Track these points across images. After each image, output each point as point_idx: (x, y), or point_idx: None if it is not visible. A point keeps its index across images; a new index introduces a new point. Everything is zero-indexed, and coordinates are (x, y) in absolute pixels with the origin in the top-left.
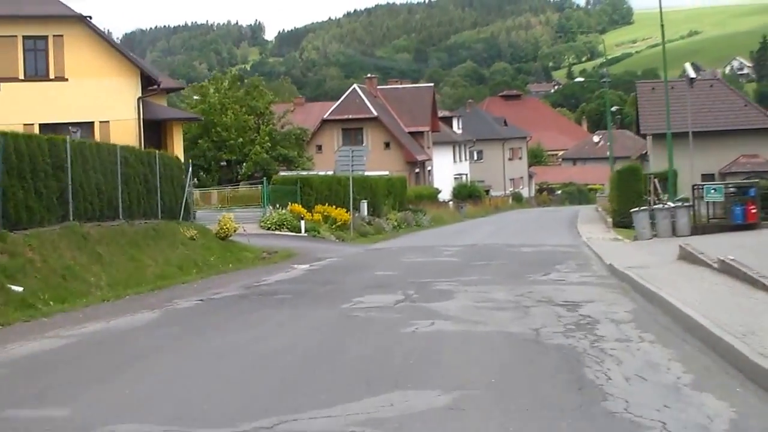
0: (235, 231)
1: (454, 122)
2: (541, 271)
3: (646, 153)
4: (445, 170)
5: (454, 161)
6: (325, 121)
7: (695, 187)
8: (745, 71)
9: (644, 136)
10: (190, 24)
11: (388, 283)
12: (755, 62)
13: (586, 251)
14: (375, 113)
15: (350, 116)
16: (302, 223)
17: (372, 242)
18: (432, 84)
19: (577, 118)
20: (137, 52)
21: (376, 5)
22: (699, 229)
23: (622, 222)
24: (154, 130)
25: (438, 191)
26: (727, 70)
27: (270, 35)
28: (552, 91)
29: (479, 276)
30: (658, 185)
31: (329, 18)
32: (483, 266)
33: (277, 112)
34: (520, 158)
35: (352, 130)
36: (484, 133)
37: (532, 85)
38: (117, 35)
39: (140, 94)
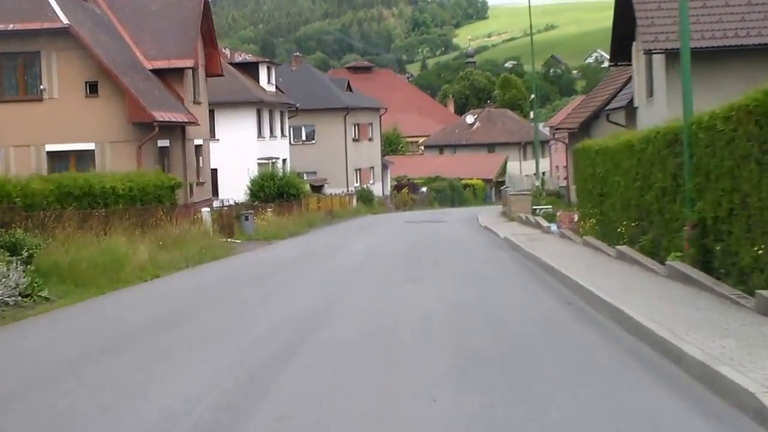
0: None
1: (263, 73)
2: None
3: (631, 102)
4: (241, 150)
5: (261, 136)
6: None
7: None
8: (606, 64)
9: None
10: None
11: None
12: None
13: None
14: (66, 22)
15: (14, 27)
16: None
17: None
18: None
19: (441, 102)
20: None
21: None
22: None
23: None
24: None
25: (176, 185)
26: (592, 60)
27: None
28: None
29: None
30: None
31: None
32: None
33: None
34: (371, 140)
35: (19, 57)
36: (318, 98)
37: None
38: None
39: None
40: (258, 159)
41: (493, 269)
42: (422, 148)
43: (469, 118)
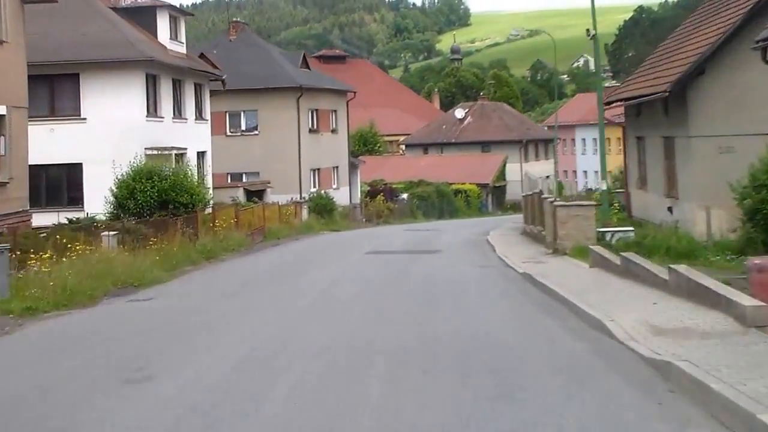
0: None
1: (162, 24)
2: None
3: None
4: (120, 134)
5: (156, 115)
6: None
7: None
8: (592, 69)
9: None
10: None
11: None
12: (610, 56)
13: None
14: None
15: None
16: None
17: None
18: None
19: (425, 98)
20: None
21: (203, 1)
22: None
23: None
24: None
25: None
26: (580, 64)
27: None
28: None
29: None
30: None
31: None
32: None
33: None
34: (335, 132)
35: None
36: (262, 76)
37: None
38: None
39: None
40: (148, 149)
41: None
42: (403, 147)
43: (459, 113)
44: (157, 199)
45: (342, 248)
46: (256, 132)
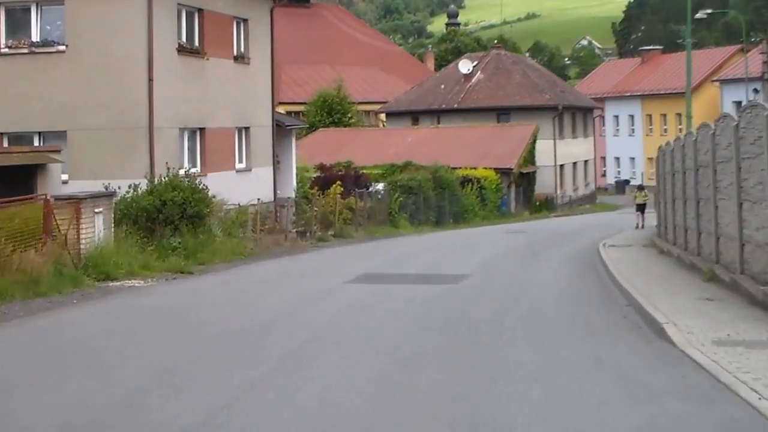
0: None
1: None
2: None
3: None
4: None
5: None
6: None
7: None
8: (596, 51)
9: None
10: None
11: None
12: (618, 36)
13: None
14: None
15: None
16: None
17: None
18: None
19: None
20: None
21: None
22: None
23: None
24: None
25: None
26: (584, 44)
27: None
28: None
29: None
30: None
31: None
32: None
33: None
34: (242, 60)
35: None
36: None
37: None
38: None
39: None
40: None
41: None
42: (383, 117)
43: (465, 66)
44: None
45: None
46: (62, 47)
